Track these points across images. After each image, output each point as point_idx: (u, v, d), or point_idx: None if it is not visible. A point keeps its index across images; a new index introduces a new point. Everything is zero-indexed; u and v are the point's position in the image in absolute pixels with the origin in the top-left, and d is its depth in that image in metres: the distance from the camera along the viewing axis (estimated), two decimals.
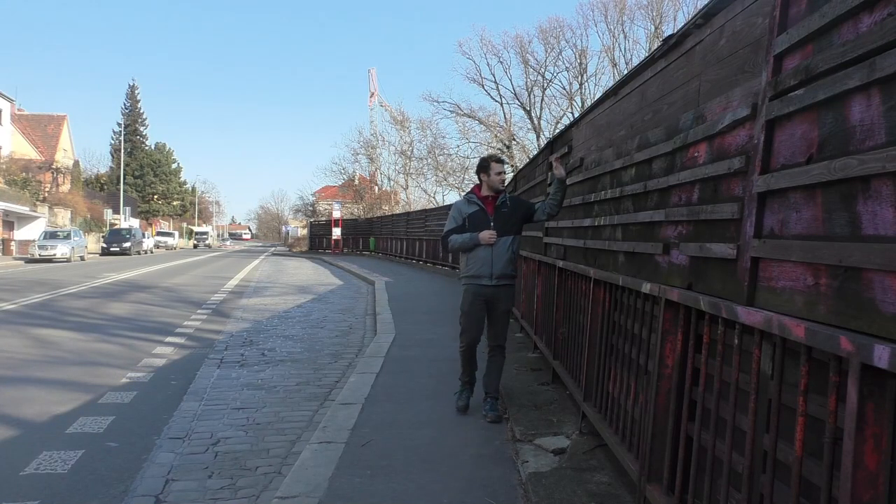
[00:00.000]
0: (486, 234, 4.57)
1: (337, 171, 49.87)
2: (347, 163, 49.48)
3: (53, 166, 43.67)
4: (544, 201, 4.80)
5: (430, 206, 37.11)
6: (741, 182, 2.30)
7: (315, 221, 48.86)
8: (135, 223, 49.18)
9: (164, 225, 65.22)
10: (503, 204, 4.71)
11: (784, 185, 1.96)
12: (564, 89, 38.44)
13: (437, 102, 45.37)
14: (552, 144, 6.75)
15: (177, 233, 60.34)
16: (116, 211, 47.80)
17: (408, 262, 26.08)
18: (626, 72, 6.90)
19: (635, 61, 26.11)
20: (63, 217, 40.06)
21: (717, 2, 2.66)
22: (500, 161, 4.85)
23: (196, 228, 74.38)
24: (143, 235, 42.01)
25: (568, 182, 5.46)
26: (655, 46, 3.68)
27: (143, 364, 6.82)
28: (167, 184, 65.89)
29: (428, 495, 3.30)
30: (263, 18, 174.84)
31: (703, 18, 2.81)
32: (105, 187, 57.98)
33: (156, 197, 65.44)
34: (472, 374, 4.84)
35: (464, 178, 38.05)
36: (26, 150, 42.47)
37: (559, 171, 4.66)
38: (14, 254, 33.43)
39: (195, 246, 64.85)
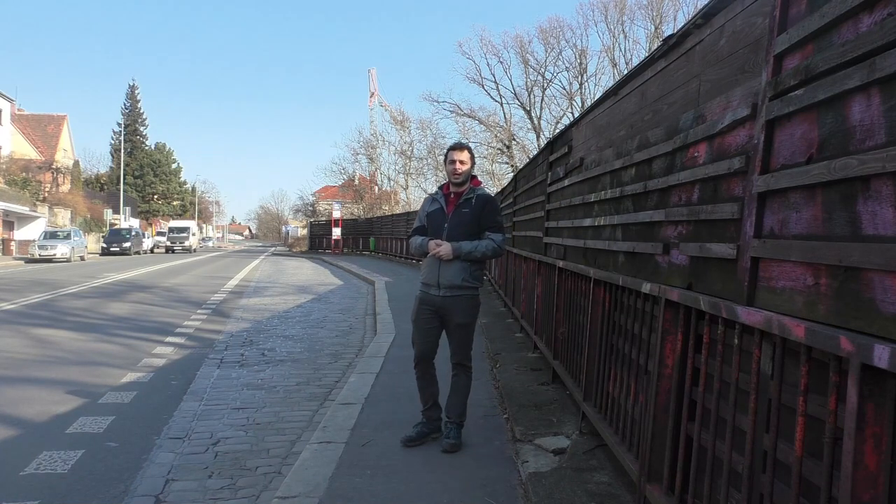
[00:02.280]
0: (433, 245, 3.94)
1: (337, 171, 49.87)
2: (347, 163, 49.48)
3: (53, 166, 43.69)
4: (485, 240, 3.97)
5: None
6: (741, 182, 2.30)
7: (315, 221, 48.87)
8: (135, 223, 49.19)
9: (164, 225, 65.14)
10: (467, 202, 4.02)
11: (784, 185, 1.96)
12: (564, 89, 38.48)
13: (437, 102, 45.59)
14: (552, 144, 6.75)
15: None
16: (116, 211, 47.82)
17: (408, 262, 26.07)
18: (626, 72, 6.90)
19: (635, 61, 26.10)
20: (63, 217, 40.07)
21: (717, 2, 2.66)
22: (458, 147, 4.10)
23: (172, 223, 52.60)
24: (143, 235, 42.04)
25: (568, 182, 5.46)
26: (655, 46, 3.68)
27: (143, 364, 6.82)
28: (167, 184, 65.93)
29: (428, 495, 3.30)
30: (263, 19, 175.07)
31: (703, 18, 2.81)
32: (105, 187, 58.01)
33: (156, 197, 65.47)
34: (428, 400, 4.12)
35: None
36: (26, 150, 42.48)
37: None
38: (14, 254, 33.43)
39: (169, 249, 45.56)
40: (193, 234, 48.76)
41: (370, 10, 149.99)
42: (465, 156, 4.04)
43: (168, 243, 46.39)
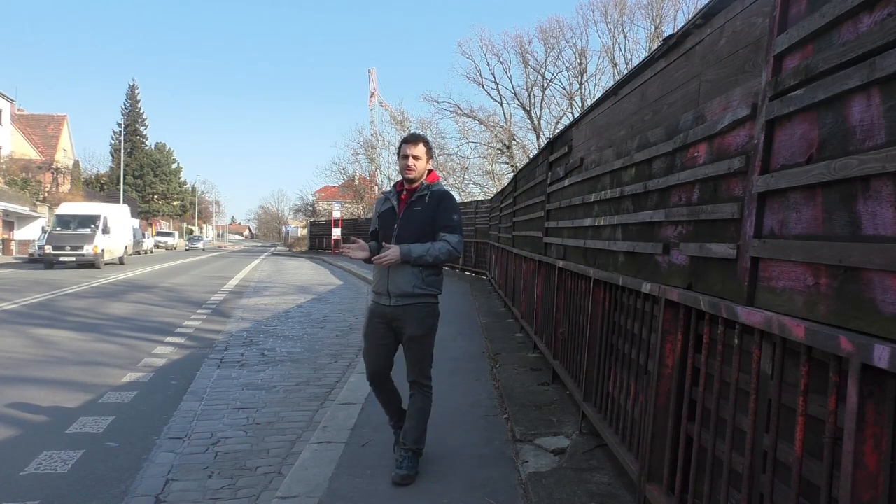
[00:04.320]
0: (375, 258, 3.48)
1: (337, 171, 49.78)
2: (347, 163, 49.38)
3: (53, 166, 43.70)
4: (439, 242, 3.47)
5: None
6: (741, 182, 2.30)
7: (315, 221, 48.88)
8: (135, 223, 49.11)
9: (164, 225, 65.16)
10: (419, 200, 3.54)
11: (784, 185, 1.96)
12: (564, 89, 38.39)
13: (437, 102, 45.50)
14: (552, 144, 6.75)
15: (177, 233, 60.30)
16: None
17: None
18: (626, 72, 6.90)
19: (635, 61, 26.09)
20: None
21: (717, 2, 2.66)
22: (412, 140, 3.59)
23: (62, 207, 25.72)
24: (143, 235, 41.95)
25: (568, 182, 5.46)
26: (655, 46, 3.68)
27: (143, 364, 6.82)
28: (167, 184, 65.91)
29: (428, 495, 3.30)
30: (263, 20, 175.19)
31: (703, 18, 2.81)
32: (105, 187, 57.99)
33: (156, 197, 65.44)
34: (395, 415, 3.78)
35: (463, 178, 38.02)
36: (26, 150, 42.48)
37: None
38: (14, 254, 33.41)
39: (49, 263, 22.13)
40: (106, 233, 23.74)
41: (370, 10, 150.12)
42: (419, 149, 3.55)
43: (46, 248, 22.21)
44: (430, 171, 3.65)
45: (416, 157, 3.53)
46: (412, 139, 3.60)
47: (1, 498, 3.43)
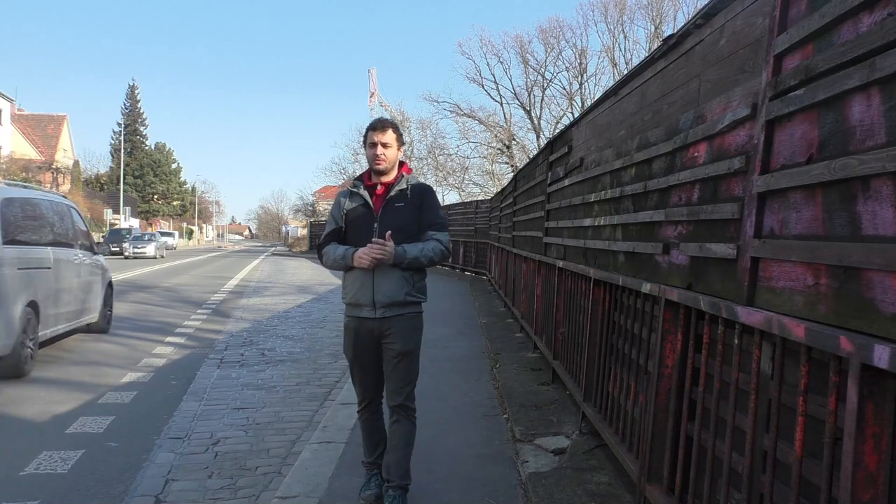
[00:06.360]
0: (360, 256, 2.97)
1: (337, 171, 49.63)
2: (347, 163, 49.20)
3: (53, 166, 43.74)
4: (430, 241, 3.08)
5: None
6: (741, 182, 2.30)
7: (315, 221, 48.85)
8: (135, 223, 49.14)
9: (164, 225, 65.12)
10: (400, 195, 3.11)
11: (784, 185, 1.96)
12: (564, 89, 38.38)
13: (437, 102, 45.26)
14: (552, 144, 6.75)
15: (177, 233, 60.27)
16: (116, 211, 47.83)
17: None
18: (626, 72, 6.90)
19: (635, 61, 26.07)
20: None
21: (717, 2, 2.66)
22: (380, 127, 3.15)
23: None
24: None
25: (568, 182, 5.46)
26: (655, 46, 3.68)
27: (143, 364, 6.82)
28: (167, 184, 65.91)
29: (428, 495, 3.30)
30: (263, 20, 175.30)
31: (703, 18, 2.81)
32: (105, 187, 58.03)
33: (156, 197, 65.45)
34: (378, 446, 3.27)
35: (463, 178, 38.03)
36: (26, 150, 42.49)
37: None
38: None
39: None
40: None
41: (370, 10, 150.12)
42: (388, 137, 3.11)
43: None
44: (401, 163, 3.25)
45: (385, 146, 3.10)
46: (380, 125, 3.15)
47: (1, 498, 3.43)
